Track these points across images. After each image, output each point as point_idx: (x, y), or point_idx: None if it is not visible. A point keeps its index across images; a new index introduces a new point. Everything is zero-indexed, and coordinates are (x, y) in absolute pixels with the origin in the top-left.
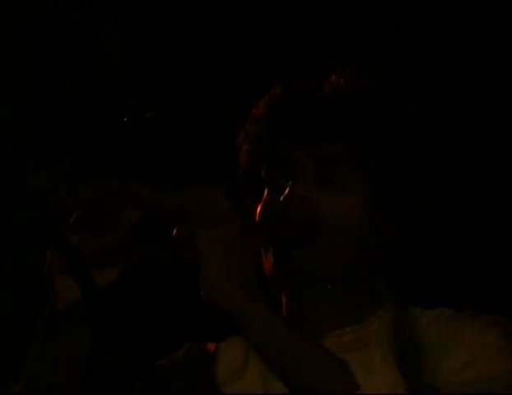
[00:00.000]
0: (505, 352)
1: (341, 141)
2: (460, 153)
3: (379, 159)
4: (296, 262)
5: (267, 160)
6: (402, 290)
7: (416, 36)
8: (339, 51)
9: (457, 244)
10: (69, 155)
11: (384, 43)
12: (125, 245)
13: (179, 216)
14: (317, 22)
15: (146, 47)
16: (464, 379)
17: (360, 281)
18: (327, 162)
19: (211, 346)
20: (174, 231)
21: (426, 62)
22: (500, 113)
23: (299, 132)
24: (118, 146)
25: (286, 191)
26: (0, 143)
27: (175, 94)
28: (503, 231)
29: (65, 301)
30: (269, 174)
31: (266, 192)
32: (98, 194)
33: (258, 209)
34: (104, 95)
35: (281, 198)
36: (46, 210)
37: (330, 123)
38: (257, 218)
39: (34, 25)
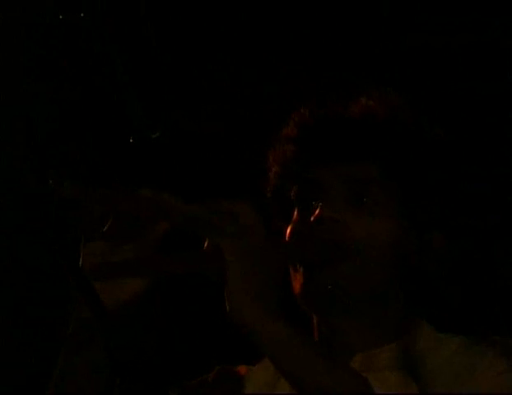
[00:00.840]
0: None
1: (370, 162)
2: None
3: (408, 180)
4: (326, 282)
5: (296, 180)
6: (431, 312)
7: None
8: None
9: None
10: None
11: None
12: (154, 256)
13: (209, 228)
14: (317, 23)
15: (149, 55)
16: None
17: (390, 302)
18: (357, 183)
19: (241, 369)
20: (206, 244)
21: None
22: None
23: (328, 153)
24: (135, 158)
25: (316, 212)
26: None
27: (177, 102)
28: None
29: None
30: (299, 194)
31: (295, 213)
32: (129, 202)
33: (288, 230)
34: (107, 100)
35: (311, 219)
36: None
37: (360, 144)
38: (286, 239)
39: (35, 30)
